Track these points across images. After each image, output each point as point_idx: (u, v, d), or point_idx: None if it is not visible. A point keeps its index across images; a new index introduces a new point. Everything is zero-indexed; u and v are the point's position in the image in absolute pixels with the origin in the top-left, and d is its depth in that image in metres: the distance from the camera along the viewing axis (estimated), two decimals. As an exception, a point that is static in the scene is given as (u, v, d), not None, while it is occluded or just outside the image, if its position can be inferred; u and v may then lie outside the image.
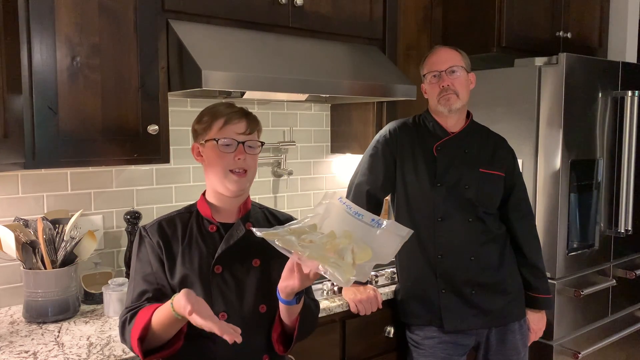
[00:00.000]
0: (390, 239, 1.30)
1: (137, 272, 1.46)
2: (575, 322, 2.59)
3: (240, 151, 1.45)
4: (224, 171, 1.45)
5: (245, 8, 2.05)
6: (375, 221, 1.32)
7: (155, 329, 1.32)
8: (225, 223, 1.51)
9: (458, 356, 2.00)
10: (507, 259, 2.03)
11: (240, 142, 1.45)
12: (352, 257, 1.23)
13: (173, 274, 1.44)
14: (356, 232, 1.29)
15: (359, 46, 2.41)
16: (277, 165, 2.60)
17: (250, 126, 1.47)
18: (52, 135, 1.67)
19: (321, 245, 1.24)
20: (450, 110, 1.98)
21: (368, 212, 1.32)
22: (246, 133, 1.46)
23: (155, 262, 1.45)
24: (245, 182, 1.47)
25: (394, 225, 1.31)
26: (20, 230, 1.78)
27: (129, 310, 1.40)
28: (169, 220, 1.51)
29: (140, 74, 1.83)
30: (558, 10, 2.92)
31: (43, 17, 1.64)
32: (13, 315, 1.85)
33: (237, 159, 1.44)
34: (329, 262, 1.21)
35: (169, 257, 1.45)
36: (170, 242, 1.47)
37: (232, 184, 1.45)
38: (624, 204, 2.74)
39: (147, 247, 1.47)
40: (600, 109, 2.62)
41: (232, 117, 1.45)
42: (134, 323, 1.34)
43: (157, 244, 1.46)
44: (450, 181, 1.98)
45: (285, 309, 1.42)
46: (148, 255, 1.46)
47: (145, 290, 1.43)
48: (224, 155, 1.44)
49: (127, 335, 1.37)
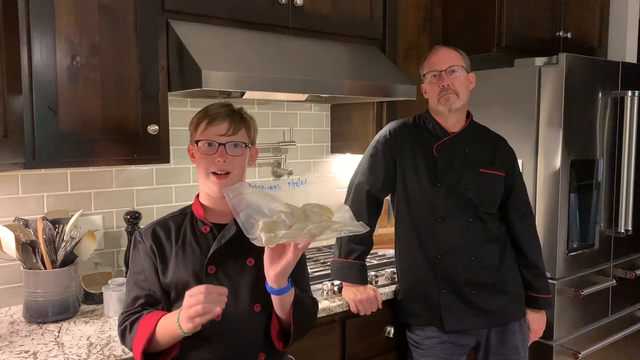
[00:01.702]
0: (320, 187, 1.44)
1: (131, 277, 1.49)
2: (575, 322, 2.60)
3: (220, 153, 1.44)
4: (206, 173, 1.46)
5: (245, 8, 2.05)
6: (293, 182, 1.43)
7: (158, 340, 1.36)
8: (218, 224, 1.50)
9: (458, 356, 2.00)
10: (507, 259, 2.03)
11: (221, 144, 1.44)
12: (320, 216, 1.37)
13: (166, 276, 1.45)
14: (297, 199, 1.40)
15: (359, 46, 2.41)
16: (277, 165, 2.60)
17: (234, 126, 1.45)
18: (52, 135, 1.67)
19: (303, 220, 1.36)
20: (450, 110, 1.98)
21: (276, 180, 1.42)
22: (228, 134, 1.45)
23: (148, 267, 1.47)
24: (228, 184, 1.45)
25: (311, 177, 1.46)
26: (20, 230, 1.78)
27: (126, 316, 1.44)
28: (162, 223, 1.52)
29: (140, 74, 1.83)
30: (558, 10, 2.92)
31: (43, 17, 1.64)
32: (13, 315, 1.85)
33: (216, 161, 1.44)
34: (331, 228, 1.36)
35: (162, 261, 1.46)
36: (164, 246, 1.48)
37: (214, 185, 1.46)
38: (624, 204, 2.74)
39: (140, 252, 1.49)
40: (600, 109, 2.62)
41: (215, 117, 1.45)
42: (136, 333, 1.37)
43: (150, 248, 1.47)
44: (451, 181, 1.98)
45: (279, 300, 1.42)
46: (141, 261, 1.48)
47: (138, 295, 1.46)
48: (206, 157, 1.45)
49: (128, 344, 1.41)
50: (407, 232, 2.03)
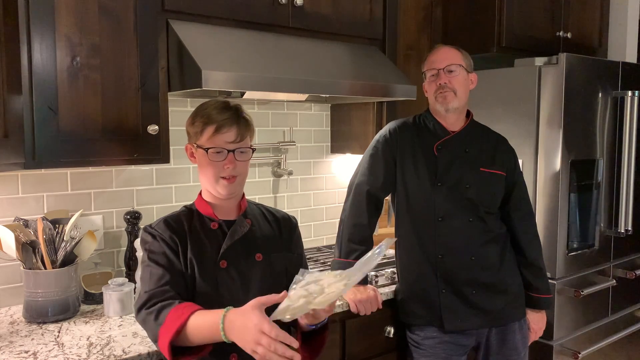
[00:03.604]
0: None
1: (152, 261, 1.43)
2: (575, 322, 2.59)
3: (230, 160, 1.46)
4: (215, 177, 1.48)
5: (245, 8, 2.05)
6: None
7: (189, 335, 1.30)
8: (226, 220, 1.53)
9: (458, 356, 2.00)
10: (507, 258, 2.03)
11: (230, 151, 1.46)
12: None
13: (186, 267, 1.45)
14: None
15: (359, 46, 2.41)
16: (277, 165, 2.60)
17: (241, 133, 1.47)
18: (52, 135, 1.67)
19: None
20: (447, 109, 1.98)
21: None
22: (237, 141, 1.46)
23: (170, 252, 1.44)
24: (236, 186, 1.50)
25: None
26: (20, 230, 1.78)
27: (152, 297, 1.37)
28: (174, 217, 1.52)
29: (140, 74, 1.83)
30: (558, 10, 2.92)
31: (43, 17, 1.64)
32: (13, 315, 1.85)
33: (226, 167, 1.46)
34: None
35: (183, 250, 1.45)
36: (182, 236, 1.47)
37: (223, 189, 1.48)
38: (624, 204, 2.74)
39: (159, 241, 1.45)
40: (600, 109, 2.62)
41: (223, 125, 1.45)
42: (165, 321, 1.31)
43: (169, 238, 1.46)
44: (451, 180, 1.98)
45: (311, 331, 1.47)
46: (162, 247, 1.44)
47: (164, 274, 1.41)
48: (214, 163, 1.46)
49: (151, 331, 1.35)
50: (407, 232, 2.03)
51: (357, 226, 2.01)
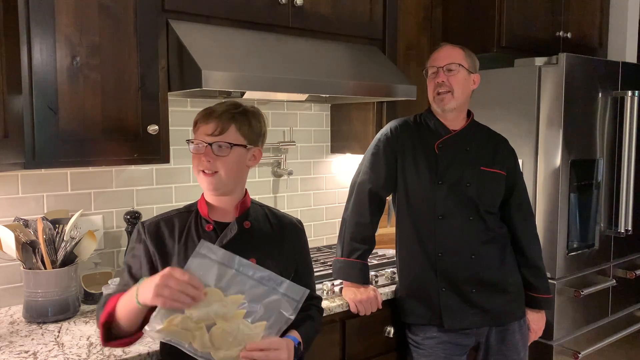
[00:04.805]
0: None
1: (127, 265, 1.50)
2: (575, 322, 2.60)
3: (206, 153, 1.44)
4: (196, 170, 1.48)
5: (245, 8, 2.05)
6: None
7: (119, 313, 1.34)
8: (221, 222, 1.51)
9: (458, 356, 2.00)
10: (507, 258, 2.03)
11: (207, 144, 1.45)
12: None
13: None
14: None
15: (359, 46, 2.41)
16: (277, 165, 2.60)
17: (221, 127, 1.44)
18: (52, 135, 1.67)
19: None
20: (444, 110, 1.99)
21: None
22: (215, 134, 1.44)
23: (144, 261, 1.47)
24: (219, 182, 1.46)
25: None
26: (20, 230, 1.78)
27: (105, 297, 1.43)
28: (167, 219, 1.52)
29: (140, 74, 1.83)
30: (558, 10, 2.92)
31: (43, 17, 1.64)
32: (13, 315, 1.85)
33: (202, 160, 1.45)
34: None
35: (162, 257, 1.46)
36: (166, 242, 1.48)
37: (202, 182, 1.48)
38: (624, 204, 2.74)
39: (141, 244, 1.49)
40: (600, 109, 2.62)
41: (205, 117, 1.46)
42: (104, 307, 1.37)
43: (151, 243, 1.47)
44: (452, 179, 1.98)
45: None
46: (140, 253, 1.48)
47: (128, 282, 1.46)
48: (194, 155, 1.47)
49: (97, 322, 1.40)
50: (408, 230, 2.03)
51: (359, 225, 2.02)
